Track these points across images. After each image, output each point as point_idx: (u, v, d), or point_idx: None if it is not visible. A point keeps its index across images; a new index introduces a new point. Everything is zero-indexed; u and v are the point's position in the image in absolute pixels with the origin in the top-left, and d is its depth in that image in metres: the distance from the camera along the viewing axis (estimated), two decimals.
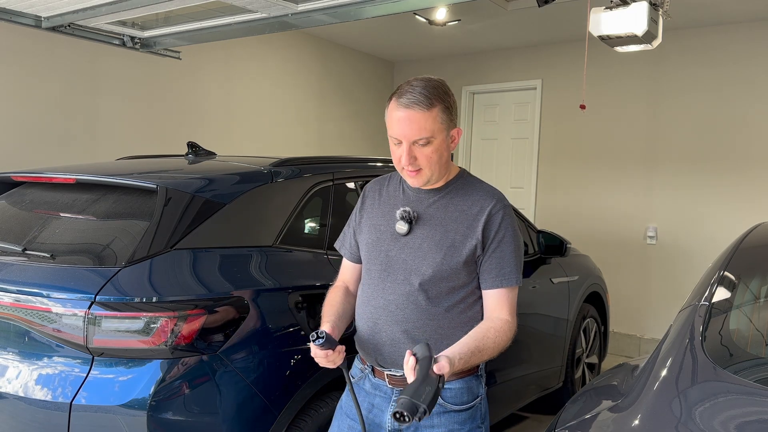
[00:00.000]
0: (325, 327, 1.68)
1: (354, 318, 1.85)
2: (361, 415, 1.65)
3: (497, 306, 1.70)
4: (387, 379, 1.73)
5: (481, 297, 1.74)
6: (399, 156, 1.68)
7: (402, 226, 1.72)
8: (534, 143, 6.39)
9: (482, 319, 1.72)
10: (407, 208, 1.74)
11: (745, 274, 2.08)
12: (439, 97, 1.64)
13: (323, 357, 1.60)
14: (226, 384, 2.02)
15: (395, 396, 1.72)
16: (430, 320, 1.69)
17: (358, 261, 1.88)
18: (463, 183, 1.77)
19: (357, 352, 1.85)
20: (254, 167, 2.54)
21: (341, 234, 1.97)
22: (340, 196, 2.72)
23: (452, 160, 1.82)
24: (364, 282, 1.82)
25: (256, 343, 2.10)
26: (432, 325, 1.69)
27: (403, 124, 1.64)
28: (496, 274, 1.69)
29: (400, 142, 1.67)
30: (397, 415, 1.36)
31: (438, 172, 1.70)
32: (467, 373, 1.73)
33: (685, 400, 1.55)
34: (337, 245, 1.97)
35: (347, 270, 1.94)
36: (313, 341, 1.56)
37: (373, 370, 1.77)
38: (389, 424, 1.71)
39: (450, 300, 1.70)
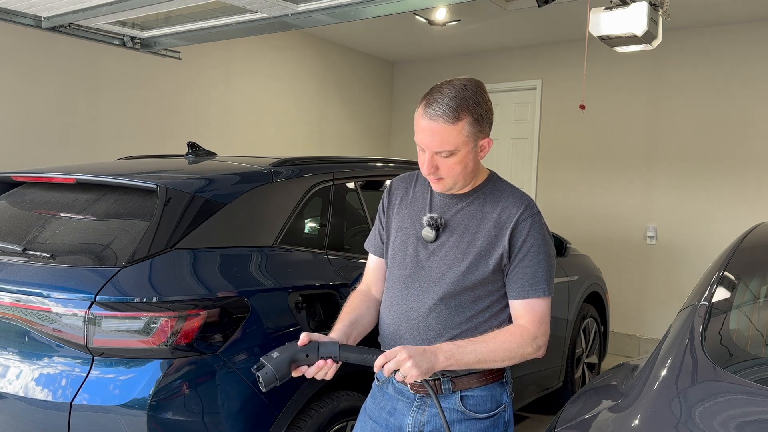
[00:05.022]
0: (335, 333, 1.64)
1: (376, 322, 1.81)
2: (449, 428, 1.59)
3: (518, 316, 1.65)
4: (409, 385, 1.70)
5: (505, 308, 1.69)
6: (422, 162, 1.63)
7: (429, 233, 1.68)
8: (534, 143, 6.39)
9: None
10: (434, 215, 1.69)
11: (745, 274, 2.08)
12: (468, 109, 1.56)
13: (316, 371, 1.54)
14: (226, 384, 2.02)
15: (417, 402, 1.70)
16: (452, 329, 1.65)
17: (383, 255, 1.83)
18: (491, 188, 1.71)
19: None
20: (254, 167, 2.54)
21: (369, 234, 1.92)
22: (340, 196, 2.72)
23: None
24: (387, 285, 1.78)
25: (256, 343, 2.10)
26: (454, 334, 1.64)
27: (426, 134, 1.58)
28: (523, 284, 1.63)
29: (424, 150, 1.61)
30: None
31: (462, 181, 1.65)
32: (491, 379, 1.69)
33: (684, 400, 1.55)
34: (366, 246, 1.91)
35: (371, 270, 1.88)
36: (259, 383, 1.50)
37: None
38: (410, 428, 1.70)
39: (473, 309, 1.66)
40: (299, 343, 1.53)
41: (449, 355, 1.54)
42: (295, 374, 1.53)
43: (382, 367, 1.50)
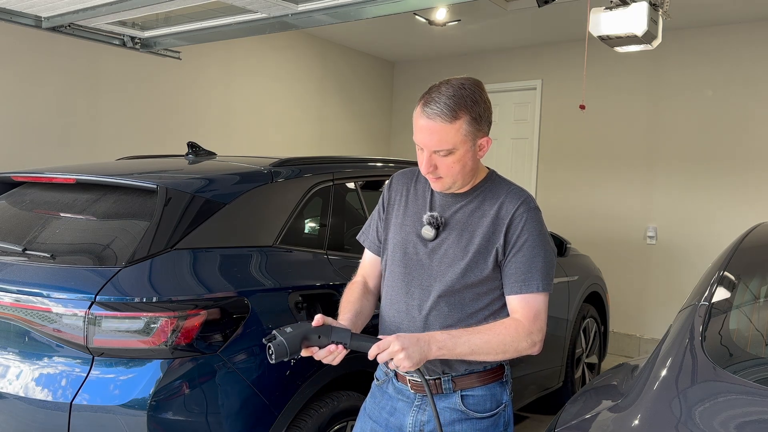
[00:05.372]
0: (344, 322, 1.64)
1: (374, 313, 1.81)
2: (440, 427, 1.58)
3: (514, 311, 1.65)
4: (409, 384, 1.70)
5: (505, 307, 1.69)
6: (421, 161, 1.63)
7: (429, 231, 1.68)
8: (534, 143, 6.39)
9: None
10: (434, 214, 1.69)
11: (745, 274, 2.08)
12: (466, 108, 1.56)
13: (326, 354, 1.52)
14: (226, 384, 2.02)
15: (417, 401, 1.70)
16: (452, 327, 1.64)
17: (379, 253, 1.83)
18: (491, 186, 1.71)
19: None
20: (254, 167, 2.54)
21: (364, 226, 1.91)
22: (340, 196, 2.72)
23: None
24: (387, 283, 1.78)
25: (255, 343, 2.10)
26: None
27: (424, 133, 1.58)
28: (517, 279, 1.63)
29: (422, 149, 1.61)
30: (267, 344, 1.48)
31: (461, 180, 1.65)
32: (491, 379, 1.69)
33: (684, 400, 1.55)
34: (359, 237, 1.91)
35: (367, 264, 1.88)
36: (269, 355, 1.47)
37: (396, 374, 1.74)
38: (410, 427, 1.70)
39: (473, 307, 1.66)
40: (313, 324, 1.52)
41: (442, 345, 1.54)
42: (304, 353, 1.52)
43: (377, 355, 1.51)
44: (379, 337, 1.55)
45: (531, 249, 1.63)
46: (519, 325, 1.61)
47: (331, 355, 1.53)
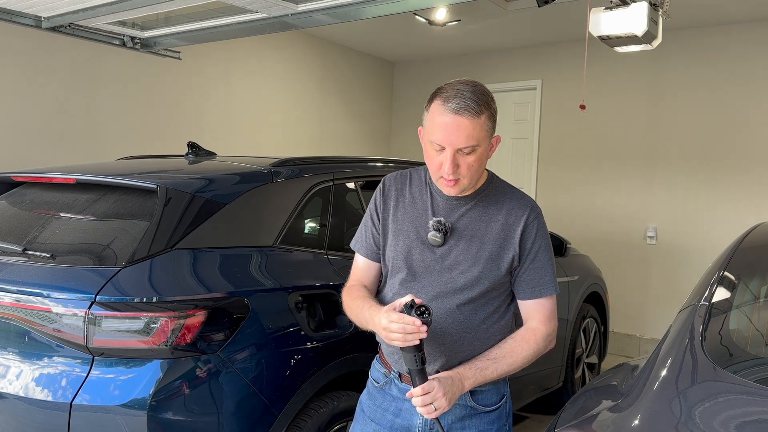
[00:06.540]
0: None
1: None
2: None
3: (530, 315, 1.70)
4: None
5: (510, 305, 1.72)
6: (439, 163, 1.57)
7: (436, 238, 1.65)
8: (534, 143, 6.39)
9: (512, 327, 1.72)
10: (441, 219, 1.67)
11: (745, 274, 2.07)
12: (487, 104, 1.57)
13: (414, 331, 1.46)
14: (226, 384, 2.02)
15: None
16: (466, 332, 1.65)
17: (377, 259, 1.80)
18: (493, 189, 1.71)
19: (369, 353, 1.80)
20: (254, 167, 2.54)
21: (356, 234, 1.86)
22: (340, 196, 2.72)
23: None
24: (391, 290, 1.74)
25: (255, 343, 2.10)
26: (468, 337, 1.65)
27: (450, 130, 1.53)
28: (535, 285, 1.68)
29: (443, 149, 1.56)
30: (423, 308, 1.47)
31: (475, 181, 1.65)
32: None
33: (684, 400, 1.55)
34: (353, 245, 1.86)
35: (362, 270, 1.83)
36: (420, 315, 1.45)
37: (400, 375, 1.72)
38: (420, 427, 1.69)
39: (485, 311, 1.67)
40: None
41: (473, 381, 1.61)
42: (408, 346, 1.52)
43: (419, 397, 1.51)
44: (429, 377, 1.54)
45: (544, 254, 1.69)
46: (537, 333, 1.67)
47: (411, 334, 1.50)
